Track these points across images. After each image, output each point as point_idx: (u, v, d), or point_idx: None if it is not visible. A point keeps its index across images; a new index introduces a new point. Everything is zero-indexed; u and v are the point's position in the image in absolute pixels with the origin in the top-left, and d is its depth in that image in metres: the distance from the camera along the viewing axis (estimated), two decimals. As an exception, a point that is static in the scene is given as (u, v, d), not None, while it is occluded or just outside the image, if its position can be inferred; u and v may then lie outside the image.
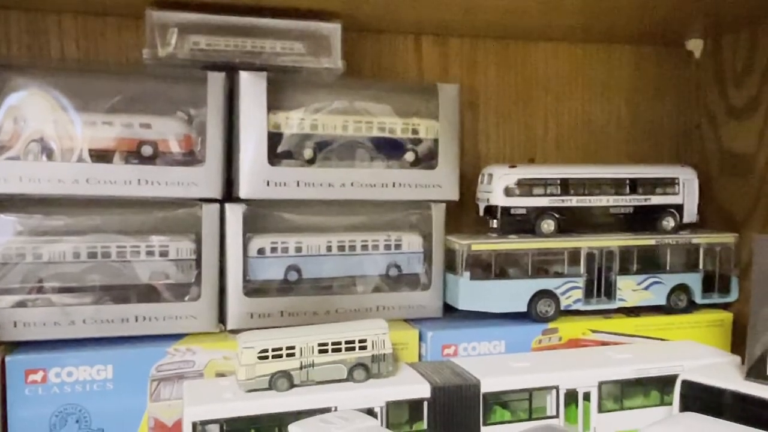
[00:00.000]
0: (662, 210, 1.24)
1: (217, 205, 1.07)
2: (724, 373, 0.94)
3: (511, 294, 1.15)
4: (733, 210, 1.31)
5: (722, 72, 1.34)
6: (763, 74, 1.25)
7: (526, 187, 1.18)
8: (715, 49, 1.36)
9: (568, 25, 1.28)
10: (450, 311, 1.18)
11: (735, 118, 1.32)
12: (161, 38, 1.05)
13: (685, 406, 0.93)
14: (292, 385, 0.90)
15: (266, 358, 0.89)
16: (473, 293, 1.15)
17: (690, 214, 1.25)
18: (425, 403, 0.93)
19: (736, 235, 1.26)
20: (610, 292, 1.20)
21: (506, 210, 1.18)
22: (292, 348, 0.91)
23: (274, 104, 1.09)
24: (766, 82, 1.24)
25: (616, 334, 1.18)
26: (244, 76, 1.07)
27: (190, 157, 1.07)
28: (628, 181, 1.22)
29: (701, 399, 0.92)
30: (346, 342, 0.93)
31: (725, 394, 0.89)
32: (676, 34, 1.37)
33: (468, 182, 1.28)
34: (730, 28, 1.30)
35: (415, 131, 1.17)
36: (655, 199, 1.23)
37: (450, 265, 1.18)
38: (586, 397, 1.01)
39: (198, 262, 1.06)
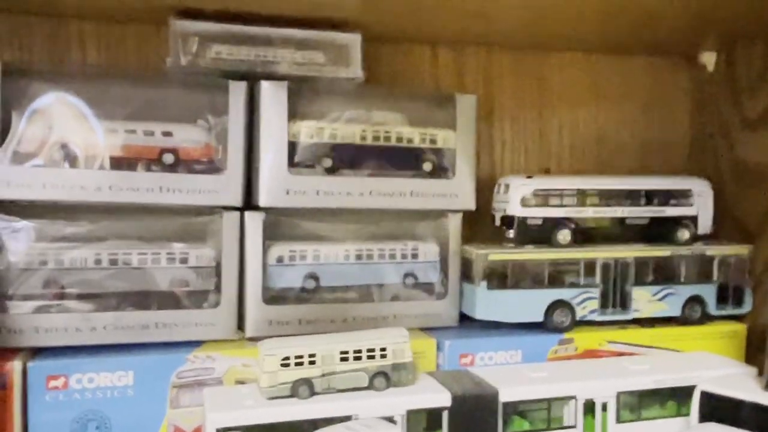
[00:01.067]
0: (677, 221, 1.24)
1: (237, 213, 1.07)
2: (743, 384, 0.94)
3: (528, 304, 1.16)
4: (748, 221, 1.32)
5: (736, 83, 1.35)
6: (777, 86, 1.26)
7: (542, 197, 1.19)
8: (729, 61, 1.36)
9: (583, 35, 1.29)
10: (465, 320, 1.19)
11: (749, 129, 1.32)
12: (184, 47, 1.06)
13: (704, 417, 0.94)
14: (313, 393, 0.91)
15: (288, 365, 0.90)
16: (490, 303, 1.15)
17: (704, 226, 1.26)
18: (445, 412, 0.93)
19: (750, 246, 1.26)
20: (625, 303, 1.20)
21: (523, 220, 1.18)
22: (314, 356, 0.91)
23: (293, 113, 1.10)
24: (780, 94, 1.25)
25: (631, 344, 1.19)
26: (266, 86, 1.08)
27: (211, 165, 1.08)
28: (643, 193, 1.23)
29: (720, 410, 0.92)
30: (368, 350, 0.94)
31: (744, 405, 0.90)
32: (689, 46, 1.38)
33: (482, 191, 1.28)
34: (743, 41, 1.31)
35: (432, 141, 1.17)
36: (670, 211, 1.24)
37: (466, 275, 1.18)
38: (604, 407, 1.01)
39: (218, 269, 1.07)
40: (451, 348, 1.10)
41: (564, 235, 1.19)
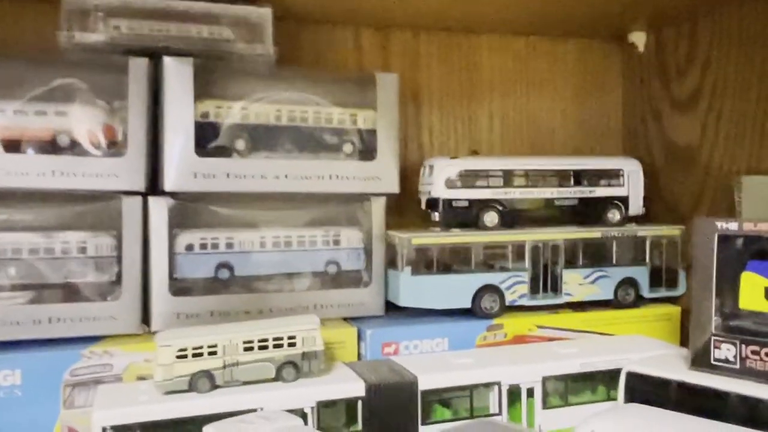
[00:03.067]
0: (607, 202, 1.21)
1: (139, 198, 1.00)
2: (670, 363, 0.91)
3: (454, 289, 1.11)
4: (679, 203, 1.30)
5: (665, 65, 1.33)
6: (703, 66, 1.24)
7: (468, 178, 1.14)
8: (658, 43, 1.35)
9: (511, 17, 1.26)
10: (394, 310, 1.14)
11: (678, 110, 1.31)
12: (79, 21, 0.99)
13: (631, 399, 0.90)
14: (214, 386, 0.84)
15: (185, 357, 0.83)
16: (415, 289, 1.10)
17: (636, 207, 1.23)
18: (359, 403, 0.88)
19: (682, 228, 1.24)
20: (556, 287, 1.16)
21: (448, 202, 1.14)
22: (214, 346, 0.85)
23: (202, 92, 1.04)
24: (707, 74, 1.24)
25: (562, 329, 1.15)
26: (169, 63, 1.01)
27: (113, 148, 1.01)
28: (572, 173, 1.19)
29: (646, 390, 0.88)
30: (274, 339, 0.87)
31: (670, 384, 0.86)
32: (619, 28, 1.36)
33: (412, 178, 1.24)
34: (671, 21, 1.29)
35: (353, 121, 1.12)
36: (600, 191, 1.21)
37: (391, 261, 1.13)
38: (530, 393, 0.97)
39: (119, 259, 1.00)
40: (373, 337, 1.05)
41: (491, 218, 1.15)
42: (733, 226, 0.83)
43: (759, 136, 1.13)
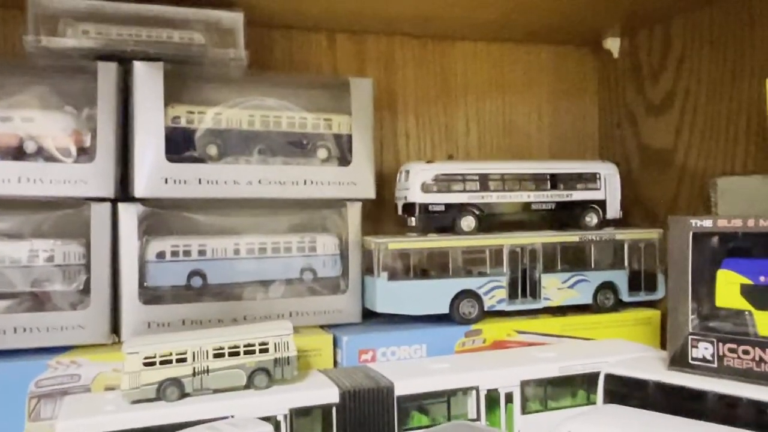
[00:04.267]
0: (584, 206, 1.21)
1: (107, 205, 0.98)
2: (648, 365, 0.90)
3: (432, 295, 1.10)
4: (656, 206, 1.30)
5: (639, 69, 1.34)
6: (677, 69, 1.25)
7: (444, 182, 1.14)
8: (632, 47, 1.36)
9: (485, 22, 1.26)
10: (372, 317, 1.12)
11: (653, 114, 1.31)
12: (46, 26, 0.98)
13: (610, 401, 0.88)
14: (183, 394, 0.82)
15: (153, 364, 0.81)
16: (392, 295, 1.08)
17: (613, 210, 1.23)
18: (334, 409, 0.86)
19: (660, 231, 1.24)
20: (534, 292, 1.15)
21: (424, 207, 1.13)
22: (184, 353, 0.82)
23: (173, 97, 1.03)
24: (680, 76, 1.24)
25: (542, 334, 1.14)
26: (139, 67, 1.00)
27: (81, 154, 0.99)
28: (548, 177, 1.19)
29: (625, 392, 0.87)
30: (245, 345, 0.85)
31: (648, 385, 0.85)
32: (594, 33, 1.37)
33: (389, 184, 1.23)
34: (644, 25, 1.30)
35: (327, 126, 1.11)
36: (577, 195, 1.21)
37: (368, 267, 1.11)
38: (509, 398, 0.95)
39: (88, 267, 0.97)
40: (349, 344, 1.03)
41: (468, 222, 1.14)
42: (707, 223, 0.83)
43: (733, 137, 1.14)
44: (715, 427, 0.74)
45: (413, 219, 1.13)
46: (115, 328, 0.99)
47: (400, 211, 1.17)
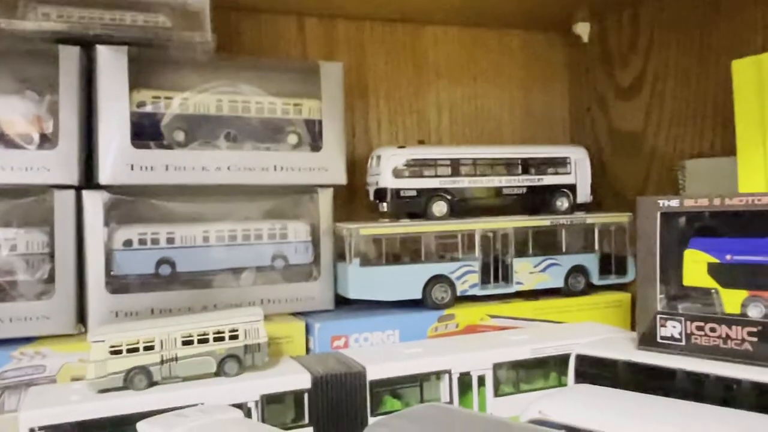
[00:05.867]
0: (555, 190, 1.21)
1: (71, 192, 0.96)
2: (618, 345, 0.90)
3: (405, 280, 1.09)
4: (626, 189, 1.31)
5: (609, 54, 1.35)
6: (645, 53, 1.26)
7: (415, 168, 1.13)
8: (601, 32, 1.36)
9: (457, 6, 1.25)
10: (345, 303, 1.11)
11: (622, 98, 1.32)
12: (5, 9, 0.95)
13: (581, 381, 0.89)
14: (152, 383, 0.80)
15: (119, 352, 0.79)
16: (364, 281, 1.08)
17: (583, 194, 1.24)
18: (306, 395, 0.85)
19: (630, 214, 1.25)
20: (507, 276, 1.16)
21: (396, 192, 1.12)
22: (151, 340, 0.81)
23: (138, 82, 1.00)
24: (648, 60, 1.25)
25: (514, 318, 1.14)
26: (102, 51, 0.98)
27: (44, 141, 0.96)
28: (519, 161, 1.19)
29: (595, 372, 0.87)
30: (215, 332, 0.84)
31: (618, 364, 0.85)
32: (564, 18, 1.37)
33: (361, 170, 1.22)
34: (613, 10, 1.31)
35: (297, 111, 1.10)
36: (548, 179, 1.21)
37: (340, 254, 1.11)
38: (481, 381, 0.95)
39: (52, 256, 0.95)
40: (322, 330, 1.02)
41: (440, 207, 1.14)
42: (674, 203, 0.84)
43: (701, 119, 1.15)
44: (684, 403, 0.75)
45: (385, 204, 1.13)
46: (82, 318, 0.97)
47: (371, 197, 1.16)
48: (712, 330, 0.80)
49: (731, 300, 0.81)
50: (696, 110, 1.16)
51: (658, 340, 0.84)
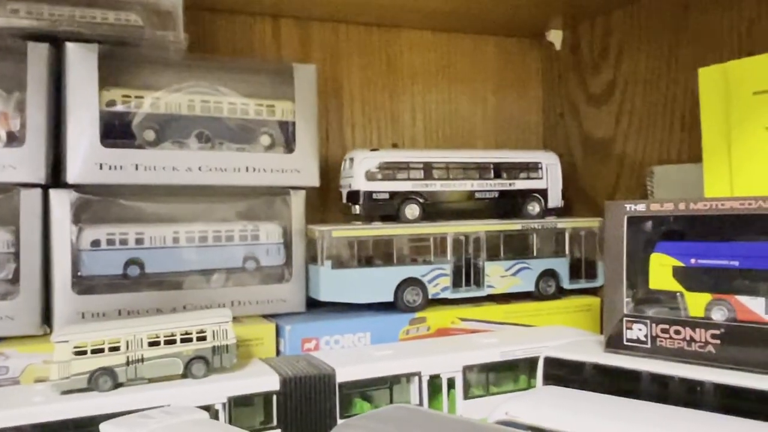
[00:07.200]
0: (527, 195, 1.22)
1: (38, 191, 0.95)
2: (586, 348, 0.91)
3: (376, 283, 1.09)
4: (597, 194, 1.33)
5: (580, 61, 1.36)
6: (616, 60, 1.28)
7: (388, 170, 1.13)
8: (574, 39, 1.38)
9: (432, 11, 1.26)
10: (316, 306, 1.11)
11: (594, 104, 1.34)
12: (-29, 4, 0.93)
13: (549, 383, 0.90)
14: (117, 384, 0.79)
15: (84, 353, 0.78)
16: (335, 283, 1.08)
17: (555, 199, 1.25)
18: (274, 397, 0.84)
19: (600, 219, 1.26)
20: (478, 279, 1.16)
21: (368, 195, 1.12)
22: (117, 341, 0.80)
23: (108, 80, 0.99)
24: (619, 67, 1.27)
25: (485, 321, 1.15)
26: (72, 48, 0.96)
27: (10, 138, 0.95)
28: (492, 166, 1.20)
29: (563, 374, 0.88)
30: (182, 333, 0.83)
31: (585, 366, 0.86)
32: (537, 26, 1.38)
33: (335, 173, 1.22)
34: (585, 18, 1.33)
35: (270, 113, 1.09)
36: (520, 184, 1.22)
37: (312, 256, 1.10)
38: (451, 383, 0.96)
39: (17, 255, 0.93)
40: (292, 333, 1.02)
41: (412, 210, 1.14)
42: (641, 207, 0.85)
43: (669, 125, 1.17)
44: (649, 404, 0.76)
45: (357, 207, 1.13)
46: (47, 319, 0.95)
47: (344, 199, 1.16)
48: (677, 333, 0.81)
49: (695, 303, 0.82)
50: (665, 117, 1.18)
51: (625, 342, 0.85)
